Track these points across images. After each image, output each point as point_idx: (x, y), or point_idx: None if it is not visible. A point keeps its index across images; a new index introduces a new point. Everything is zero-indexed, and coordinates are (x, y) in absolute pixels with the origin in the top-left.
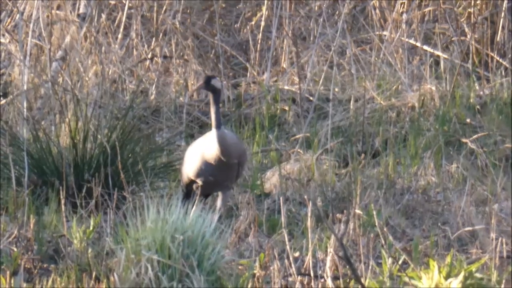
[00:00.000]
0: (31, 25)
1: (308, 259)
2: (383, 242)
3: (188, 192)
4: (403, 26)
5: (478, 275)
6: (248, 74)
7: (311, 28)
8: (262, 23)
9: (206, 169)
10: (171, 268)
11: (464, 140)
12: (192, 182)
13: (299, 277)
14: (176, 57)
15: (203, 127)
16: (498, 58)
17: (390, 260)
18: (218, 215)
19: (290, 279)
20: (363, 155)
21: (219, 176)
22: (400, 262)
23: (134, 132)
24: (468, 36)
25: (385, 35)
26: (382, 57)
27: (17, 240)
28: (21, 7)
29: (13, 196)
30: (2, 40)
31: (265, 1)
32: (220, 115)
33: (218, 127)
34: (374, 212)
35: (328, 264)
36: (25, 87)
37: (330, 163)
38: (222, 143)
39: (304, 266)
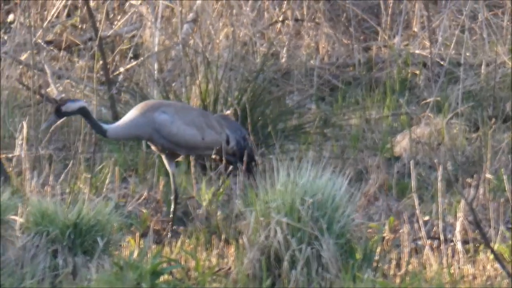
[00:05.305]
0: None
1: (438, 223)
2: None
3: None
4: None
5: None
6: (379, 38)
7: None
8: None
9: None
10: (300, 231)
11: None
12: None
13: (429, 241)
14: (308, 20)
15: (334, 90)
16: None
17: None
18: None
19: (419, 242)
20: (493, 119)
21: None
22: None
23: (265, 95)
24: None
25: None
26: None
27: (146, 201)
28: None
29: (143, 157)
30: (134, 2)
31: None
32: (97, 123)
33: (103, 134)
34: (505, 177)
35: (457, 228)
36: (156, 49)
37: (460, 127)
38: (117, 139)
39: (434, 230)
